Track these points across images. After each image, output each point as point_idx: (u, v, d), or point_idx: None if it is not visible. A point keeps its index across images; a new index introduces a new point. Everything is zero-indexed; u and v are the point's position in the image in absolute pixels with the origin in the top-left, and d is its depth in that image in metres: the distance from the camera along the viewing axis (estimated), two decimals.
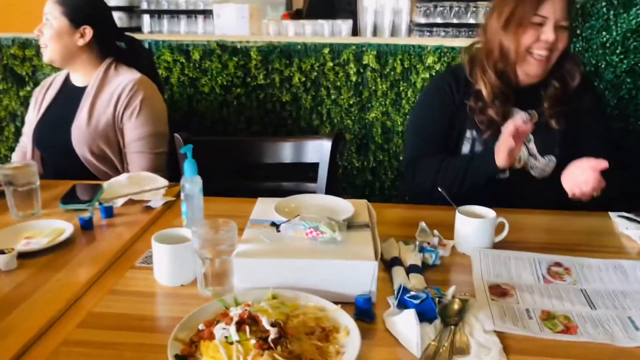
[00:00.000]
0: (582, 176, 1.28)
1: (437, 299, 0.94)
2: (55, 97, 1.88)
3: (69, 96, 1.84)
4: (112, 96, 1.78)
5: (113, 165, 1.81)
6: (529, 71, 1.50)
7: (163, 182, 1.55)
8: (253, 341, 0.78)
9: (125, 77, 1.81)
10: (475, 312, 0.95)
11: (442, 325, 0.90)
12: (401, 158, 2.19)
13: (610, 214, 1.40)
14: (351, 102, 2.19)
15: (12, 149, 2.37)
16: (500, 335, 0.88)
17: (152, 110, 1.80)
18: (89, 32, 1.81)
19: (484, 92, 1.50)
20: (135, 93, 1.77)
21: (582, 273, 1.10)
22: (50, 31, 1.77)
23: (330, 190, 1.70)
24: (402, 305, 0.93)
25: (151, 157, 1.78)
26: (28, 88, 2.40)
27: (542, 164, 1.54)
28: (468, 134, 1.55)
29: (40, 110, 1.87)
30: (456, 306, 0.95)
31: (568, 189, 1.32)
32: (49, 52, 1.80)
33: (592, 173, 1.25)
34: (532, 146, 1.54)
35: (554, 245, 1.24)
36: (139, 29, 2.73)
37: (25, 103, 2.38)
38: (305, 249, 1.01)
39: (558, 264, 1.14)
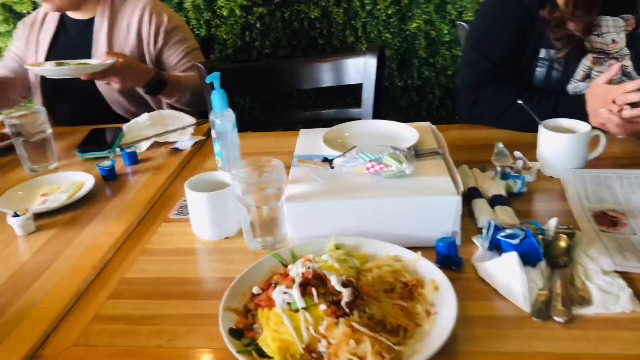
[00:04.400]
0: None
1: (539, 237, 0.76)
2: (55, 35, 1.68)
3: (73, 32, 1.65)
4: (130, 25, 1.62)
5: (144, 102, 1.65)
6: None
7: (189, 119, 1.38)
8: (323, 307, 0.63)
9: (135, 1, 1.64)
10: (586, 248, 0.77)
11: (550, 269, 0.73)
12: (449, 72, 1.95)
13: None
14: (389, 13, 1.94)
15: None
16: (623, 276, 0.71)
17: (183, 26, 1.69)
18: None
19: (559, 1, 1.21)
20: (158, 17, 1.62)
21: None
22: None
23: (376, 116, 1.51)
24: (494, 246, 0.76)
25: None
26: None
27: None
28: (542, 53, 1.26)
29: (38, 53, 1.68)
30: (563, 243, 0.78)
31: None
32: (57, 1, 1.56)
33: None
34: (628, 63, 1.24)
35: None
36: None
37: None
38: (368, 187, 0.85)
39: None
